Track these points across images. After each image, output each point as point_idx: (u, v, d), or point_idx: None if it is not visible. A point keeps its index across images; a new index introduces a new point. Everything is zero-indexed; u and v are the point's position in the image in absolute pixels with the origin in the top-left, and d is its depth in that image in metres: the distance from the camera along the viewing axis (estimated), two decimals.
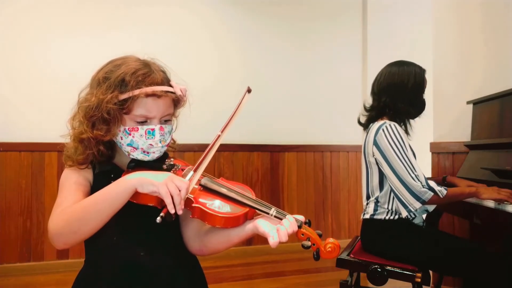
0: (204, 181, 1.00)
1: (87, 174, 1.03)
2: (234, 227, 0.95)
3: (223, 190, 0.98)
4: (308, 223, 0.95)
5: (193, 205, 0.93)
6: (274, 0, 3.61)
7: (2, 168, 2.90)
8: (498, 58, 2.28)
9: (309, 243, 0.91)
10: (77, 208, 0.89)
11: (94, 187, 1.02)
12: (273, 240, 0.88)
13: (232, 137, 3.37)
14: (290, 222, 0.90)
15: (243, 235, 0.96)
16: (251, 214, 0.96)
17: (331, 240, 0.91)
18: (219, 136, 1.02)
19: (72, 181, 1.00)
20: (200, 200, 0.94)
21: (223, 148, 3.38)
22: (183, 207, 0.88)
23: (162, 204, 0.93)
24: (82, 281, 1.01)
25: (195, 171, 0.98)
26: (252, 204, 0.95)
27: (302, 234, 0.92)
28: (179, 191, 0.86)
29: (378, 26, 3.74)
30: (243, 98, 1.00)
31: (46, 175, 2.97)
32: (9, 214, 2.90)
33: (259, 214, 0.96)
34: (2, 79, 2.94)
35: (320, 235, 0.93)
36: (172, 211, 0.86)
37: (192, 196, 0.95)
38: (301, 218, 0.94)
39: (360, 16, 3.83)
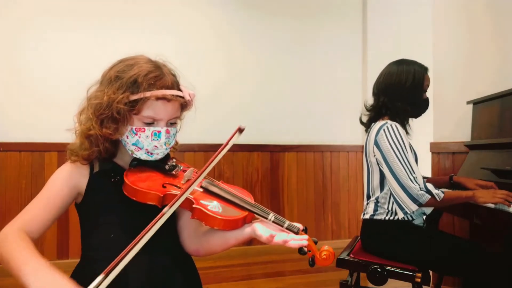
0: (205, 183, 1.01)
1: (80, 179, 1.03)
2: (233, 230, 0.97)
3: (224, 194, 1.00)
4: (305, 230, 0.97)
5: (194, 206, 0.94)
6: (274, 1, 3.62)
7: (2, 168, 2.90)
8: (498, 58, 2.28)
9: (305, 249, 0.93)
10: (3, 250, 0.88)
11: (90, 188, 1.03)
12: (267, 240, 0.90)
13: None
14: (298, 239, 0.91)
15: (240, 238, 0.98)
16: (250, 218, 0.98)
17: (326, 247, 0.94)
18: (193, 181, 0.91)
19: (53, 189, 1.01)
20: (201, 201, 0.96)
21: None
22: None
23: (163, 203, 0.95)
24: (77, 277, 1.01)
25: (105, 273, 0.80)
26: (252, 208, 0.97)
27: None
28: None
29: (378, 26, 3.74)
30: (232, 137, 0.93)
31: (46, 175, 2.96)
32: (9, 214, 2.89)
33: (258, 219, 0.97)
34: (1, 79, 2.94)
35: (315, 242, 0.95)
36: None
37: (192, 197, 0.96)
38: (299, 225, 0.96)
39: (360, 16, 3.83)
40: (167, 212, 0.87)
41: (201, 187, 1.01)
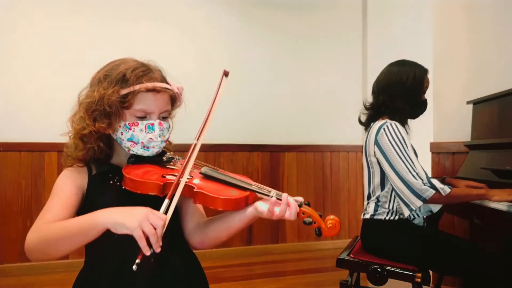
0: (204, 169, 1.03)
1: (82, 180, 1.04)
2: (235, 211, 0.98)
3: (224, 177, 1.01)
4: (308, 204, 0.98)
5: (195, 190, 0.95)
6: (274, 1, 3.62)
7: (2, 168, 2.90)
8: (498, 58, 2.28)
9: (310, 219, 0.94)
10: (52, 231, 0.89)
11: (90, 190, 1.03)
12: (270, 213, 0.93)
13: (232, 137, 3.38)
14: (290, 202, 0.95)
15: (244, 220, 0.99)
16: (252, 198, 0.98)
17: (331, 217, 0.95)
18: (195, 145, 0.97)
19: (64, 189, 1.01)
20: (202, 185, 0.97)
21: (223, 148, 3.38)
22: (160, 245, 0.83)
23: (163, 192, 0.95)
24: (82, 281, 1.01)
25: (169, 198, 0.90)
26: (252, 188, 0.98)
27: (303, 213, 0.96)
28: (155, 229, 0.82)
29: (378, 27, 3.74)
30: (220, 84, 0.98)
31: (46, 175, 2.97)
32: (9, 214, 2.90)
33: (260, 199, 0.98)
34: (2, 79, 2.94)
35: (320, 216, 0.96)
36: (148, 253, 0.82)
37: (193, 183, 0.97)
38: (300, 199, 0.98)
39: (360, 16, 3.83)
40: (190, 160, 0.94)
41: (200, 173, 1.02)
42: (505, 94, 1.93)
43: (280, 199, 0.95)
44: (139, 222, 0.81)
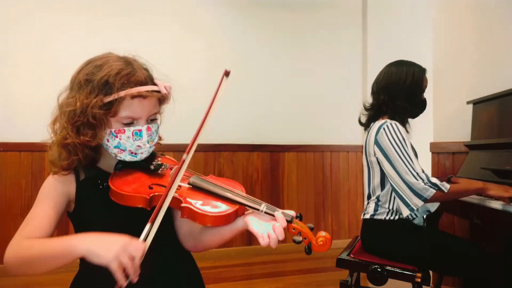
0: (192, 179, 0.98)
1: (67, 188, 1.01)
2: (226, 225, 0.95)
3: (212, 188, 0.97)
4: (299, 217, 0.94)
5: (182, 205, 0.92)
6: (276, 1, 3.61)
7: (2, 168, 2.90)
8: (498, 58, 2.28)
9: (300, 238, 0.91)
10: (29, 251, 0.86)
11: (80, 196, 1.00)
12: (263, 241, 0.89)
13: (232, 137, 3.38)
14: (280, 222, 0.90)
15: (235, 231, 0.97)
16: (242, 211, 0.96)
17: (322, 233, 0.92)
18: (183, 160, 0.91)
19: (48, 199, 0.98)
20: (189, 199, 0.93)
21: (223, 148, 3.38)
22: (137, 276, 0.79)
23: (151, 205, 0.93)
24: (78, 283, 1.01)
25: (151, 221, 0.84)
26: (242, 201, 0.95)
27: (293, 229, 0.92)
28: (133, 260, 0.78)
29: (378, 27, 3.74)
30: (220, 84, 0.93)
31: (46, 175, 2.93)
32: (9, 213, 2.90)
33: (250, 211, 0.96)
34: (2, 79, 2.94)
35: (311, 229, 0.93)
36: (124, 285, 0.78)
37: (180, 195, 0.93)
38: (292, 213, 0.94)
39: (360, 17, 3.83)
40: (174, 184, 0.88)
41: (189, 183, 0.98)
42: (505, 94, 1.93)
43: (269, 213, 0.92)
44: (116, 254, 0.77)
